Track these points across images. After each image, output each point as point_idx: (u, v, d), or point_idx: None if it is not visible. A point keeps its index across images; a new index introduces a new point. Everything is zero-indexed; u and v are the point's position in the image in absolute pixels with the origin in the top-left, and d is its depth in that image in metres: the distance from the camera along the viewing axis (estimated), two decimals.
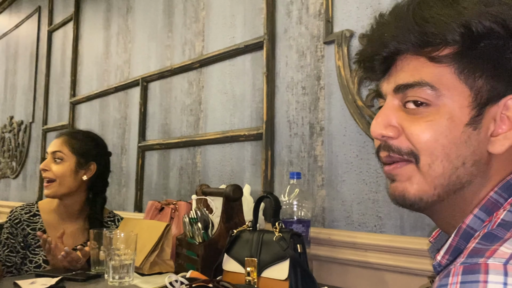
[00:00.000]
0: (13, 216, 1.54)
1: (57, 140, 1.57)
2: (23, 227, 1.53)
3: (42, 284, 1.20)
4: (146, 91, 2.21)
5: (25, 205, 1.59)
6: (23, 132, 3.47)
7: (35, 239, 1.53)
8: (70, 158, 1.52)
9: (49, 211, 1.58)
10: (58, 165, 1.51)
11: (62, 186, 1.51)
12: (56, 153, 1.51)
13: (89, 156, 1.56)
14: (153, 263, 1.39)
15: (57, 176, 1.50)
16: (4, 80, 3.94)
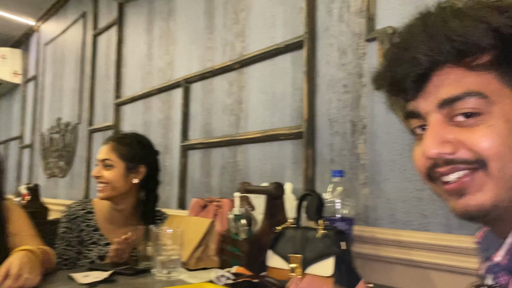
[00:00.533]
0: (70, 211, 1.62)
1: (105, 147, 1.62)
2: (78, 223, 1.60)
3: (95, 277, 1.26)
4: (188, 92, 2.27)
5: (81, 202, 1.67)
6: (70, 132, 3.62)
7: (89, 235, 1.60)
8: (119, 164, 1.58)
9: (103, 209, 1.65)
10: (108, 171, 1.57)
11: (114, 190, 1.58)
12: (105, 161, 1.58)
13: (137, 159, 1.62)
14: (199, 259, 1.44)
15: (109, 181, 1.57)
16: (52, 83, 4.13)
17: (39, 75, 4.43)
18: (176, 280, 1.27)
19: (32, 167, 4.42)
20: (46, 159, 4.06)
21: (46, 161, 4.06)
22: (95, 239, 1.61)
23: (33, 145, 4.44)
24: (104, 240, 1.62)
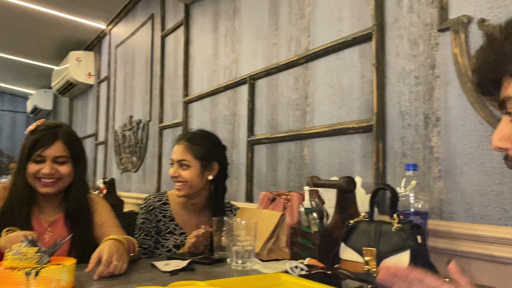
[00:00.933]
0: (147, 203, 1.73)
1: (179, 148, 1.70)
2: (156, 214, 1.71)
3: (175, 265, 1.34)
4: (253, 88, 2.32)
5: (157, 194, 1.78)
6: (142, 130, 3.83)
7: (165, 225, 1.71)
8: (195, 163, 1.67)
9: (178, 201, 1.75)
10: (185, 171, 1.66)
11: (192, 188, 1.67)
12: (182, 162, 1.67)
13: (210, 157, 1.70)
14: (270, 250, 1.48)
15: (187, 180, 1.66)
16: (123, 83, 4.37)
17: (111, 75, 4.70)
18: (251, 270, 1.32)
19: (106, 162, 4.72)
20: (120, 155, 4.32)
21: (120, 156, 4.32)
22: (171, 229, 1.71)
23: (107, 142, 4.73)
24: (179, 230, 1.71)
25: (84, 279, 1.14)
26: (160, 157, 3.42)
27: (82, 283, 1.10)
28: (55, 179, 1.44)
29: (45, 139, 1.42)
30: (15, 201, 1.42)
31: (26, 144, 1.43)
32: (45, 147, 1.42)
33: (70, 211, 1.51)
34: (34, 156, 1.41)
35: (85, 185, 1.57)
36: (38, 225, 1.46)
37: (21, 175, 1.43)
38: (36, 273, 0.98)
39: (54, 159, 1.43)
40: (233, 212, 1.81)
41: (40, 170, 1.41)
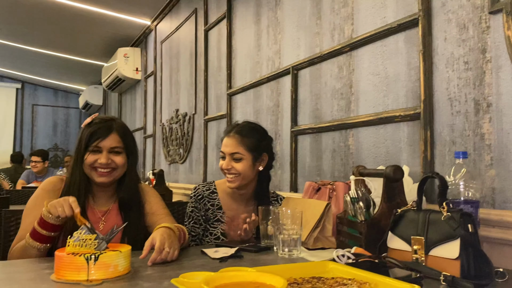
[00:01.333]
0: (196, 192, 1.79)
1: (231, 140, 1.72)
2: (204, 202, 1.77)
3: (224, 252, 1.39)
4: (296, 78, 2.32)
5: (205, 183, 1.83)
6: (188, 122, 3.92)
7: (213, 213, 1.76)
8: (247, 156, 1.70)
9: (225, 191, 1.80)
10: (238, 163, 1.70)
11: (244, 179, 1.71)
12: (235, 155, 1.70)
13: (261, 149, 1.74)
14: (316, 239, 1.50)
15: (239, 172, 1.69)
16: (169, 78, 4.49)
17: (157, 70, 4.84)
18: (297, 258, 1.34)
19: (155, 154, 4.88)
20: (167, 147, 4.45)
21: (167, 149, 4.45)
22: (219, 217, 1.76)
23: (155, 135, 4.88)
24: (226, 219, 1.76)
25: (139, 265, 1.20)
26: (205, 148, 3.49)
27: (137, 269, 1.16)
28: (110, 168, 1.51)
29: (101, 131, 1.49)
30: (72, 191, 1.49)
31: (83, 136, 1.51)
32: (102, 139, 1.49)
33: (122, 201, 1.57)
34: (91, 147, 1.48)
35: (137, 176, 1.64)
36: (93, 214, 1.53)
37: (78, 166, 1.51)
38: (95, 259, 1.05)
39: (110, 150, 1.50)
40: (279, 201, 1.83)
41: (97, 160, 1.48)
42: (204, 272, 0.98)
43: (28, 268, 1.19)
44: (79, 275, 1.04)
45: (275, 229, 1.42)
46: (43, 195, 1.49)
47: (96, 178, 1.50)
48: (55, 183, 1.54)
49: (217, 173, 3.24)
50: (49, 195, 1.48)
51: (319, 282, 0.97)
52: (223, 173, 1.74)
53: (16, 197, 3.32)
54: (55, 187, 1.53)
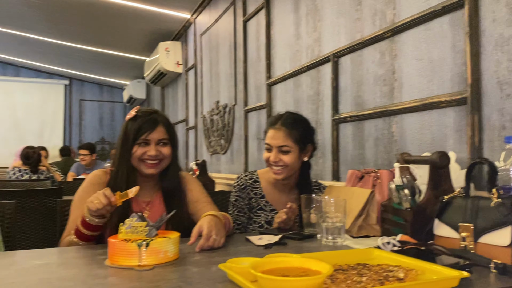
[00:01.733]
0: (239, 182, 1.82)
1: (278, 133, 1.72)
2: (247, 192, 1.80)
3: (268, 240, 1.41)
4: (337, 66, 2.30)
5: (248, 173, 1.86)
6: (228, 113, 3.97)
7: (256, 202, 1.79)
8: (295, 148, 1.72)
9: (268, 180, 1.82)
10: (286, 155, 1.71)
11: (290, 170, 1.73)
12: (283, 147, 1.71)
13: (306, 140, 1.75)
14: (360, 227, 1.49)
15: (287, 164, 1.71)
16: (209, 70, 4.55)
17: (198, 63, 4.91)
18: (341, 245, 1.35)
19: (197, 146, 4.98)
20: (209, 138, 4.53)
21: (209, 140, 4.53)
22: (262, 206, 1.79)
23: (197, 127, 4.98)
24: (269, 207, 1.78)
25: (187, 251, 1.25)
26: (246, 139, 3.53)
27: (185, 255, 1.20)
28: (158, 160, 1.55)
29: (148, 124, 1.54)
30: (120, 184, 1.53)
31: (130, 129, 1.54)
32: (150, 131, 1.53)
33: (166, 191, 1.61)
34: (140, 140, 1.53)
35: (179, 166, 1.68)
36: (137, 205, 1.57)
37: (125, 159, 1.55)
38: (146, 245, 1.10)
39: (158, 142, 1.55)
40: (321, 190, 1.84)
41: (146, 153, 1.53)
42: (250, 258, 1.00)
43: (84, 254, 1.26)
44: (131, 260, 1.09)
45: (318, 217, 1.43)
46: (89, 188, 1.54)
47: (145, 170, 1.55)
48: (100, 176, 1.59)
49: (258, 163, 3.27)
50: (94, 188, 1.50)
51: (365, 268, 0.97)
52: (268, 165, 1.76)
53: (68, 188, 3.50)
54: (100, 180, 1.57)
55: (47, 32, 6.09)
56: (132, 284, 0.94)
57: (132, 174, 1.56)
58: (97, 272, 1.05)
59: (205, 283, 0.92)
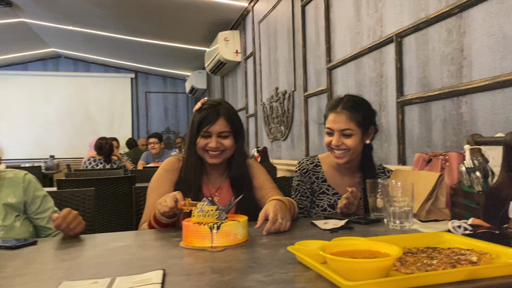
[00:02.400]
0: (301, 166, 1.85)
1: (340, 117, 1.71)
2: (309, 176, 1.82)
3: (334, 224, 1.42)
4: (400, 46, 2.23)
5: (309, 157, 1.88)
6: (287, 100, 3.98)
7: (319, 186, 1.80)
8: (357, 131, 1.70)
9: (329, 164, 1.82)
10: (348, 139, 1.70)
11: (353, 154, 1.72)
12: (346, 131, 1.70)
13: (368, 123, 1.73)
14: (429, 211, 1.46)
15: (350, 148, 1.70)
16: (267, 57, 4.57)
17: (256, 51, 4.95)
18: (409, 229, 1.33)
19: (257, 133, 5.04)
20: (269, 125, 4.57)
21: (269, 127, 4.57)
22: (324, 190, 1.80)
23: (256, 114, 5.04)
24: (332, 191, 1.79)
25: (255, 234, 1.29)
26: (306, 124, 3.53)
27: (253, 238, 1.25)
28: (220, 151, 1.62)
29: (210, 117, 1.60)
30: (189, 171, 1.63)
31: (194, 121, 1.63)
32: (211, 124, 1.60)
33: (233, 178, 1.69)
34: (202, 132, 1.61)
35: (245, 154, 1.73)
36: (207, 191, 1.66)
37: (192, 148, 1.64)
38: (217, 227, 1.16)
39: (219, 134, 1.61)
40: (386, 174, 1.81)
41: (207, 144, 1.61)
42: (318, 241, 1.02)
43: (160, 236, 1.35)
44: (204, 242, 1.15)
45: (385, 201, 1.42)
46: (164, 175, 1.66)
47: (208, 159, 1.63)
48: (174, 163, 1.69)
49: (320, 148, 3.27)
50: (168, 175, 1.65)
51: (435, 251, 0.96)
52: (329, 150, 1.76)
53: (139, 176, 3.71)
54: (173, 166, 1.68)
55: (114, 29, 6.41)
56: (206, 264, 0.99)
57: (199, 162, 1.64)
58: (173, 252, 1.12)
59: (274, 264, 0.95)
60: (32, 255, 1.14)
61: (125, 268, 0.99)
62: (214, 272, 0.91)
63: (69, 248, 1.21)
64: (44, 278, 0.92)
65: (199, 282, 0.84)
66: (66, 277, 0.90)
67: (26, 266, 1.02)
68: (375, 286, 0.75)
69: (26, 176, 1.59)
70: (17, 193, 1.54)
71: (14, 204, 1.52)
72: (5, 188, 1.53)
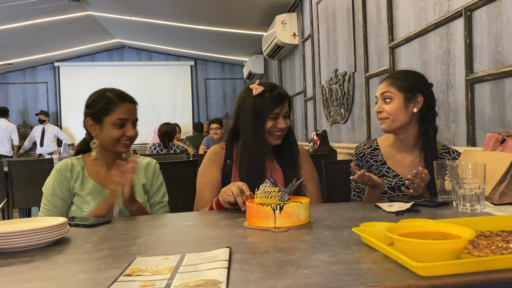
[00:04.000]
0: (358, 150, 1.81)
1: (383, 84, 1.72)
2: (366, 159, 1.78)
3: (399, 207, 1.38)
4: (470, 20, 2.09)
5: (366, 142, 1.84)
6: (347, 81, 3.89)
7: (378, 169, 1.76)
8: (398, 95, 1.65)
9: (387, 145, 1.78)
10: (388, 104, 1.66)
11: (395, 122, 1.67)
12: (384, 94, 1.67)
13: (414, 89, 1.66)
14: (503, 194, 1.38)
15: (390, 113, 1.66)
16: (326, 39, 4.48)
17: (314, 33, 4.86)
18: (481, 212, 1.27)
19: (316, 116, 4.99)
20: (328, 108, 4.50)
21: (328, 110, 4.50)
22: (384, 172, 1.75)
23: (315, 97, 4.98)
24: (392, 173, 1.74)
25: (317, 215, 1.29)
26: (368, 106, 3.43)
27: (316, 219, 1.25)
28: (282, 132, 1.65)
29: (279, 99, 1.64)
30: (256, 157, 1.63)
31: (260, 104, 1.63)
32: (282, 105, 1.64)
33: (284, 158, 1.70)
34: (273, 115, 1.63)
35: (294, 136, 1.76)
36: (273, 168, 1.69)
37: (259, 132, 1.64)
38: (280, 208, 1.17)
39: (285, 114, 1.65)
40: (451, 154, 1.72)
41: (276, 125, 1.63)
42: (384, 223, 1.00)
43: (224, 216, 1.39)
44: (267, 222, 1.17)
45: (454, 183, 1.36)
46: (208, 164, 1.71)
47: (273, 140, 1.66)
48: (217, 152, 1.72)
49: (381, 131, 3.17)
50: (212, 164, 1.69)
51: (511, 235, 0.91)
52: (378, 119, 1.73)
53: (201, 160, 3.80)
54: (217, 155, 1.71)
55: (173, 17, 6.57)
56: (270, 244, 1.01)
57: (265, 145, 1.65)
58: (238, 232, 1.15)
59: (339, 245, 0.95)
60: (108, 232, 1.22)
61: (193, 246, 1.03)
62: (278, 251, 0.93)
63: (140, 227, 1.28)
64: (119, 253, 0.98)
65: (264, 260, 0.86)
66: (139, 253, 0.96)
67: (103, 242, 1.10)
68: (446, 268, 0.72)
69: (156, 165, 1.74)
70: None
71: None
72: None
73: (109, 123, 1.56)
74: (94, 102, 1.61)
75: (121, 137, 1.58)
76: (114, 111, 1.57)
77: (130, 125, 1.60)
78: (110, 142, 1.57)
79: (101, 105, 1.58)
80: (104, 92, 1.61)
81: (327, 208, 1.45)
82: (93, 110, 1.59)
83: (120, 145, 1.58)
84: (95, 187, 1.60)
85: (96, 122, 1.59)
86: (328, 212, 1.37)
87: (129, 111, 1.60)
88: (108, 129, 1.56)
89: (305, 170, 1.73)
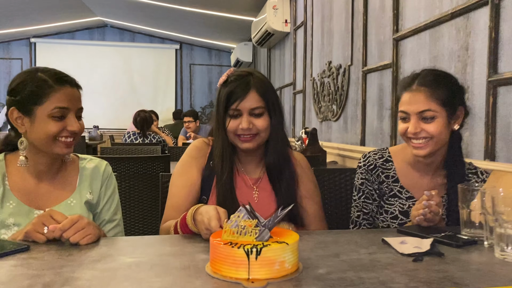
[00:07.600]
0: (367, 161, 1.46)
1: (416, 96, 1.31)
2: (378, 174, 1.43)
3: (414, 246, 1.05)
4: (498, 9, 1.75)
5: (377, 150, 1.49)
6: (342, 75, 3.54)
7: (389, 187, 1.42)
8: (442, 112, 1.30)
9: (403, 159, 1.43)
10: (430, 123, 1.29)
11: (437, 144, 1.32)
12: (425, 113, 1.29)
13: (455, 102, 1.32)
14: None
15: (433, 135, 1.30)
16: (320, 27, 4.12)
17: (308, 20, 4.50)
18: None
19: (305, 111, 4.64)
20: (318, 104, 4.16)
21: (318, 105, 4.16)
22: (396, 192, 1.42)
23: (305, 90, 4.62)
24: (406, 194, 1.41)
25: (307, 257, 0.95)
26: (364, 104, 3.09)
27: (306, 265, 0.90)
28: (252, 134, 1.31)
29: (239, 90, 1.28)
30: (218, 161, 1.33)
31: (221, 98, 1.32)
32: (240, 100, 1.28)
33: (271, 168, 1.37)
34: (231, 111, 1.30)
35: (284, 138, 1.39)
36: (243, 183, 1.37)
37: (220, 131, 1.33)
38: (257, 252, 0.82)
39: (250, 112, 1.29)
40: (480, 176, 1.39)
41: (238, 127, 1.29)
42: None
43: (183, 249, 1.03)
44: (238, 272, 0.82)
45: (487, 216, 1.03)
46: (188, 162, 1.37)
47: (240, 144, 1.32)
48: (201, 148, 1.40)
49: (378, 134, 2.84)
50: (192, 162, 1.37)
51: None
52: (405, 140, 1.36)
53: (177, 154, 3.43)
54: (200, 152, 1.39)
55: None
56: None
57: (229, 149, 1.33)
58: (195, 284, 0.80)
59: None
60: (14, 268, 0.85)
61: None
62: None
63: (58, 263, 0.91)
64: None
65: None
66: None
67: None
68: None
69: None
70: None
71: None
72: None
73: (42, 115, 1.17)
74: (20, 86, 1.19)
75: (60, 133, 1.19)
76: (50, 98, 1.17)
77: (72, 117, 1.21)
78: (44, 140, 1.17)
79: (30, 90, 1.17)
80: (34, 72, 1.20)
81: (321, 240, 1.11)
82: (19, 97, 1.18)
83: (59, 144, 1.19)
84: (18, 206, 1.19)
85: (24, 114, 1.18)
86: (322, 249, 1.03)
87: (70, 98, 1.22)
88: (42, 123, 1.17)
89: (304, 187, 1.40)
